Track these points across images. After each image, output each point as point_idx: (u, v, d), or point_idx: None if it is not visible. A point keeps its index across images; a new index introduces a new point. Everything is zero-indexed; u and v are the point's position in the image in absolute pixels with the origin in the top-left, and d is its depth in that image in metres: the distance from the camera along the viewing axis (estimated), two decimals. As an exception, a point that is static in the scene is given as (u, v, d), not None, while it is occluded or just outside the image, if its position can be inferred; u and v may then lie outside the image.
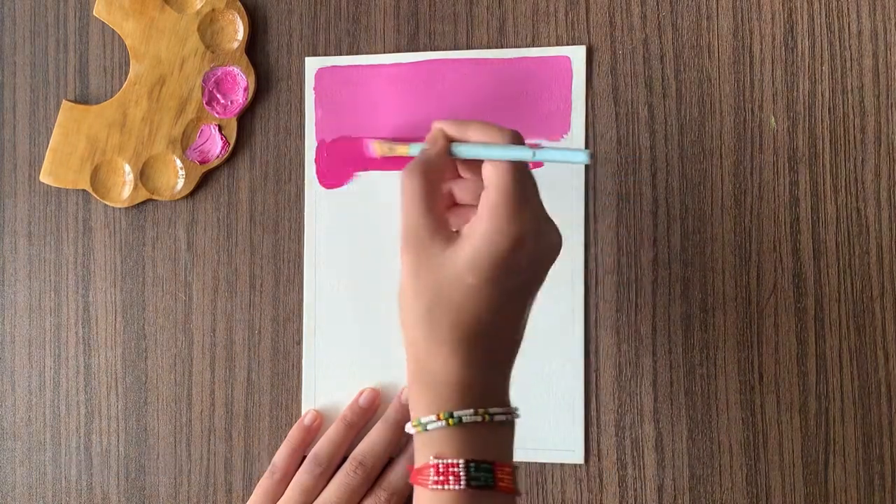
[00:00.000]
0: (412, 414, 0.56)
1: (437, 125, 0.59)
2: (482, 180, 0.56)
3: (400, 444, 0.70)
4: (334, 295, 0.72)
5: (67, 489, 0.75)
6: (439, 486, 0.53)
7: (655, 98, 0.70)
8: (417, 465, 0.55)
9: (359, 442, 0.69)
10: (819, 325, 0.68)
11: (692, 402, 0.69)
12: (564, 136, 0.70)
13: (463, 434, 0.54)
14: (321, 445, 0.69)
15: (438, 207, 0.56)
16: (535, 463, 0.70)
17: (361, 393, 0.71)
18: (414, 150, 0.63)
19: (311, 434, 0.71)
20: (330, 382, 0.72)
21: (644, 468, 0.69)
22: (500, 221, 0.53)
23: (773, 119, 0.69)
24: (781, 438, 0.68)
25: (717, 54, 0.69)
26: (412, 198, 0.56)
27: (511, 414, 0.56)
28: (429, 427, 0.54)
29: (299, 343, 0.73)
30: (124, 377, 0.74)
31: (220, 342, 0.74)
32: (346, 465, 0.68)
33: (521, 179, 0.55)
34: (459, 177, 0.61)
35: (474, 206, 0.56)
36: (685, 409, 0.69)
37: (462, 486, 0.53)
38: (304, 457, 0.70)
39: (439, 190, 0.57)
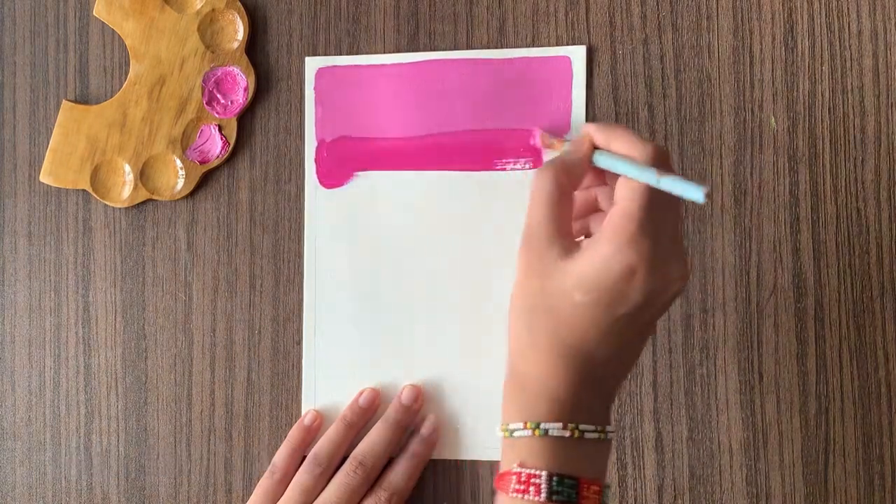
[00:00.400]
0: (503, 416, 0.55)
1: (586, 128, 0.57)
2: None
3: (400, 444, 0.70)
4: (334, 295, 0.72)
5: (67, 489, 0.75)
6: (519, 495, 0.52)
7: (655, 98, 0.70)
8: (502, 469, 0.54)
9: (359, 442, 0.69)
10: (819, 325, 0.68)
11: (692, 402, 0.69)
12: (564, 136, 0.70)
13: (549, 445, 0.52)
14: (321, 445, 0.69)
15: (564, 213, 0.54)
16: (535, 463, 0.70)
17: (361, 393, 0.71)
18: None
19: (311, 434, 0.71)
20: (330, 382, 0.72)
21: (644, 468, 0.69)
22: (617, 246, 0.51)
23: (773, 119, 0.69)
24: (781, 438, 0.68)
25: (717, 54, 0.69)
26: (539, 199, 0.54)
27: (605, 433, 0.54)
28: (515, 434, 0.53)
29: (299, 343, 0.73)
30: (124, 377, 0.74)
31: (220, 342, 0.74)
32: (346, 465, 0.68)
33: (649, 205, 0.51)
34: (605, 183, 0.59)
35: None
36: (685, 409, 0.69)
37: (543, 499, 0.52)
38: (305, 457, 0.70)
39: (569, 196, 0.55)
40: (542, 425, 0.52)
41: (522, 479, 0.52)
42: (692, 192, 0.49)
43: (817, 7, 0.69)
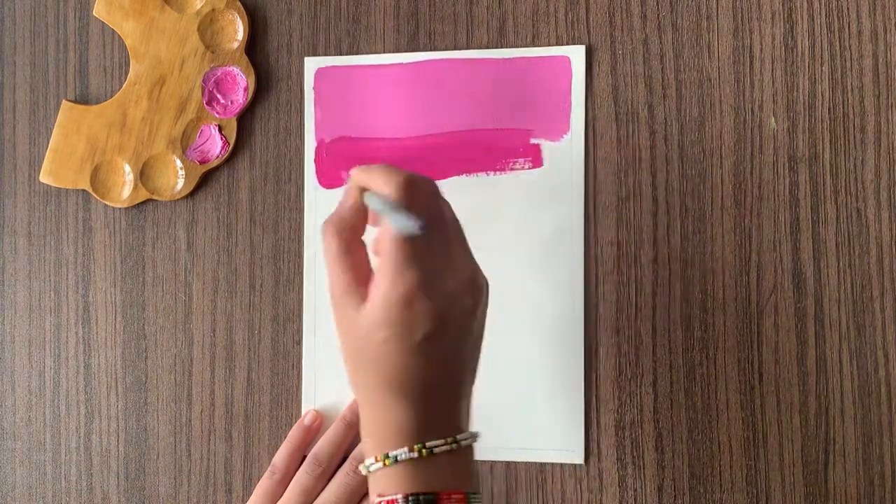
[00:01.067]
0: (364, 458, 0.57)
1: (352, 172, 0.59)
2: None
3: None
4: (334, 295, 0.72)
5: (67, 489, 0.75)
6: None
7: (655, 98, 0.70)
8: None
9: (359, 442, 0.69)
10: (819, 325, 0.68)
11: (692, 402, 0.69)
12: (564, 136, 0.70)
13: (401, 471, 0.55)
14: (321, 445, 0.70)
15: (354, 265, 0.57)
16: (535, 463, 0.70)
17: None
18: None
19: (311, 434, 0.71)
20: (330, 382, 0.72)
21: (644, 468, 0.69)
22: (389, 280, 0.54)
23: (773, 119, 0.69)
24: (781, 438, 0.68)
25: (717, 54, 0.69)
26: (328, 258, 0.57)
27: (456, 442, 0.56)
28: (371, 468, 0.56)
29: (299, 343, 0.73)
30: (124, 377, 0.74)
31: (220, 342, 0.74)
32: (346, 465, 0.69)
33: (403, 237, 0.54)
34: None
35: None
36: (685, 409, 0.69)
37: None
38: (305, 457, 0.70)
39: (356, 244, 0.58)
40: (391, 454, 0.55)
41: None
42: (408, 226, 0.52)
43: (817, 7, 0.69)
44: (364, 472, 0.57)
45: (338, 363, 0.71)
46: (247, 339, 0.73)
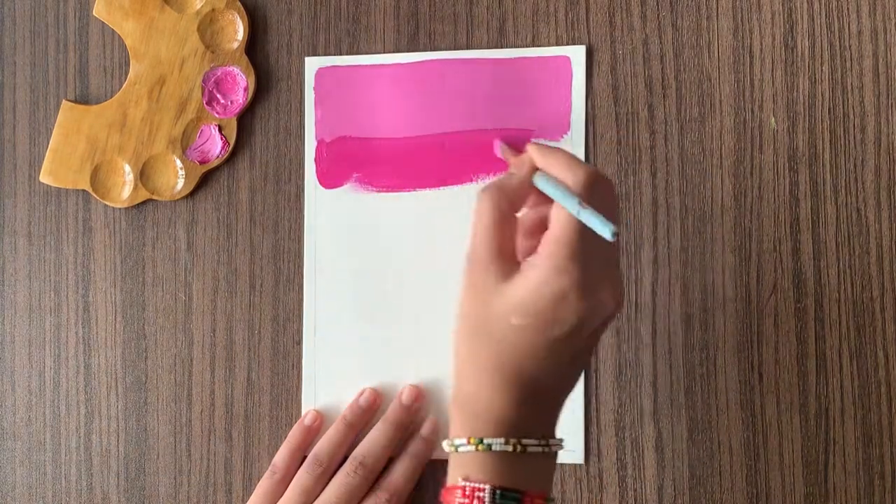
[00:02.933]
0: (450, 432, 0.56)
1: (529, 148, 0.58)
2: None
3: (400, 444, 0.70)
4: (334, 295, 0.72)
5: (67, 489, 0.75)
6: None
7: (655, 98, 0.70)
8: (449, 483, 0.55)
9: (359, 442, 0.69)
10: (819, 325, 0.68)
11: (692, 402, 0.69)
12: (564, 136, 0.70)
13: (492, 460, 0.54)
14: (321, 445, 0.69)
15: (506, 235, 0.55)
16: (535, 463, 0.70)
17: (362, 393, 0.71)
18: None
19: (312, 434, 0.71)
20: (330, 382, 0.72)
21: (644, 468, 0.69)
22: (549, 271, 0.52)
23: (773, 119, 0.69)
24: (781, 439, 0.68)
25: (717, 54, 0.69)
26: (481, 223, 0.55)
27: (548, 446, 0.55)
28: (460, 449, 0.54)
29: (299, 343, 0.73)
30: (124, 377, 0.74)
31: (220, 342, 0.74)
32: (347, 466, 0.68)
33: (581, 232, 0.52)
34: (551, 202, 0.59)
35: None
36: (685, 410, 0.69)
37: None
38: (305, 457, 0.70)
39: (512, 219, 0.56)
40: (485, 440, 0.54)
41: (467, 492, 0.53)
42: (602, 229, 0.50)
43: (817, 7, 0.69)
44: (448, 449, 0.55)
45: (338, 363, 0.72)
46: (247, 340, 0.73)
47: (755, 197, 0.69)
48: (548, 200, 0.57)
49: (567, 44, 0.71)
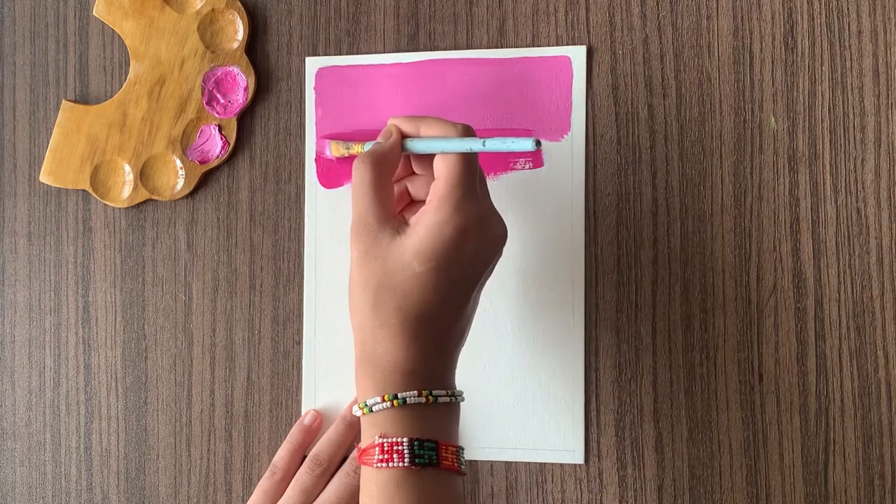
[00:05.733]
0: (359, 397, 0.58)
1: (392, 121, 0.61)
2: (434, 176, 0.58)
3: None
4: (334, 295, 0.72)
5: (67, 489, 0.75)
6: (384, 465, 0.55)
7: (655, 98, 0.70)
8: (363, 445, 0.57)
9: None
10: (819, 325, 0.68)
11: (692, 402, 0.69)
12: (565, 136, 0.70)
13: (407, 414, 0.56)
14: (321, 445, 0.70)
15: (387, 197, 0.58)
16: (535, 463, 0.70)
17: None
18: (369, 147, 0.64)
19: (312, 434, 0.71)
20: (330, 382, 0.72)
21: (644, 468, 0.69)
22: (447, 211, 0.55)
23: (773, 119, 0.69)
24: (781, 438, 0.68)
25: (717, 54, 0.69)
26: (362, 187, 0.58)
27: (455, 396, 0.58)
28: (374, 409, 0.56)
29: (299, 343, 0.73)
30: (124, 377, 0.74)
31: (219, 342, 0.74)
32: (346, 465, 0.69)
33: (469, 172, 0.57)
34: (414, 174, 0.63)
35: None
36: (685, 409, 0.69)
37: (406, 464, 0.55)
38: (305, 457, 0.70)
39: (389, 181, 0.59)
40: (400, 395, 0.56)
41: (385, 448, 0.55)
42: (522, 144, 0.55)
43: (817, 7, 0.69)
44: (360, 412, 0.57)
45: (338, 363, 0.72)
46: (247, 339, 0.73)
47: (755, 197, 0.69)
48: (407, 173, 0.63)
49: (567, 44, 0.71)
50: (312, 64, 0.73)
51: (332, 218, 0.72)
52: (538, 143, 0.55)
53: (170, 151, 0.74)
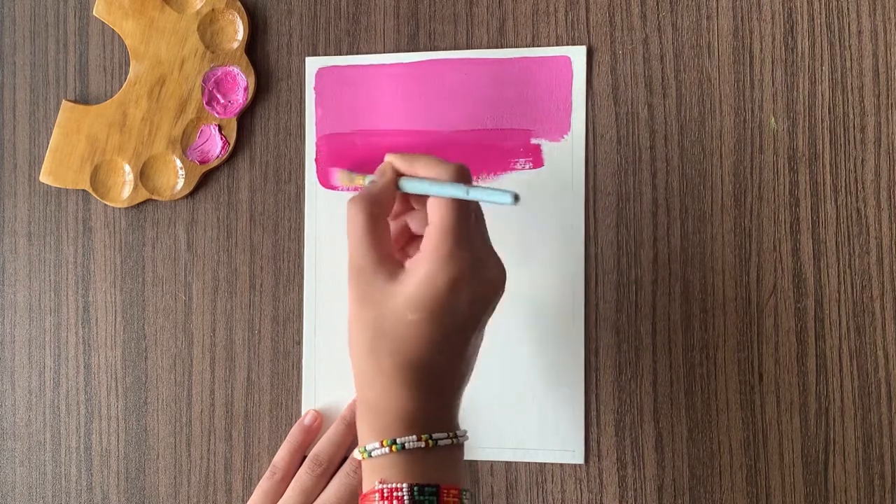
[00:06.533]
0: (359, 441, 0.57)
1: (388, 158, 0.60)
2: None
3: None
4: (334, 295, 0.72)
5: (67, 489, 0.75)
6: None
7: (655, 98, 0.70)
8: (365, 490, 0.57)
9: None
10: (819, 325, 0.68)
11: (692, 402, 0.69)
12: (565, 136, 0.70)
13: (406, 459, 0.55)
14: (321, 445, 0.70)
15: (383, 240, 0.57)
16: (535, 463, 0.70)
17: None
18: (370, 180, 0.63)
19: (312, 434, 0.71)
20: (330, 382, 0.72)
21: (644, 468, 0.69)
22: (438, 262, 0.54)
23: (773, 119, 0.69)
24: (781, 438, 0.68)
25: (717, 54, 0.69)
26: (356, 231, 0.57)
27: (458, 437, 0.57)
28: (373, 454, 0.56)
29: (299, 343, 0.73)
30: (124, 377, 0.74)
31: (219, 342, 0.74)
32: (346, 466, 0.69)
33: (461, 219, 0.55)
34: (413, 209, 0.62)
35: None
36: (685, 409, 0.69)
37: None
38: (305, 457, 0.70)
39: (383, 223, 0.58)
40: (398, 440, 0.55)
41: (385, 494, 0.55)
42: (501, 197, 0.52)
43: (817, 7, 0.69)
44: (361, 457, 0.56)
45: (338, 363, 0.72)
46: (247, 339, 0.73)
47: (755, 197, 0.69)
48: (406, 209, 0.60)
49: (567, 44, 0.71)
50: (312, 64, 0.73)
51: (332, 218, 0.72)
52: (517, 198, 0.52)
53: (170, 151, 0.74)
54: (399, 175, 0.59)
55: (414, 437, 0.55)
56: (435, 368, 0.55)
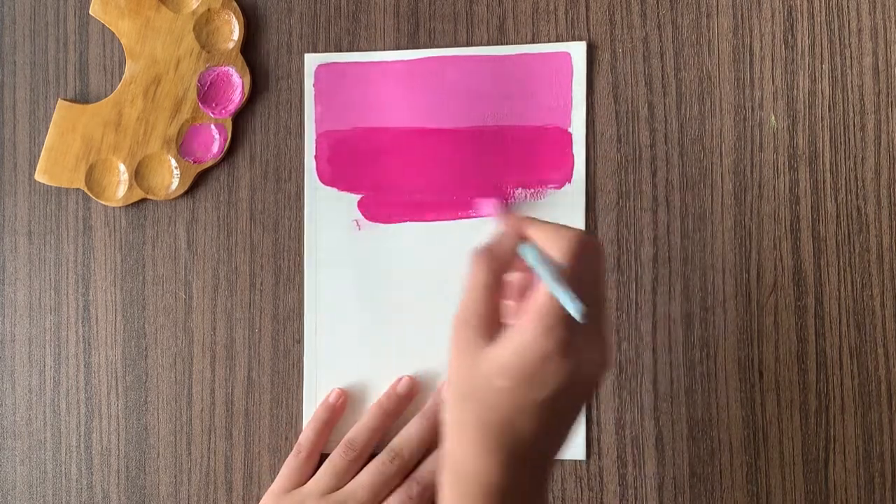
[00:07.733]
0: (441, 501, 0.56)
1: (517, 218, 0.58)
2: None
3: (437, 438, 0.70)
4: (334, 293, 0.72)
5: (67, 488, 0.75)
6: None
7: (655, 96, 0.70)
8: None
9: (392, 431, 0.70)
10: (819, 322, 0.68)
11: (692, 400, 0.69)
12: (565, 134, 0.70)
13: None
14: (357, 431, 0.70)
15: (495, 301, 0.55)
16: (535, 461, 0.70)
17: (399, 380, 0.71)
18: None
19: (337, 413, 0.71)
20: (331, 381, 0.72)
21: (644, 466, 0.69)
22: (533, 334, 0.52)
23: (773, 117, 0.69)
24: (782, 436, 0.68)
25: (717, 52, 0.69)
26: (475, 286, 0.55)
27: None
28: None
29: (300, 341, 0.73)
30: (124, 376, 0.74)
31: (220, 341, 0.74)
32: (383, 455, 0.69)
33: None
34: None
35: None
36: (685, 407, 0.69)
37: None
38: (329, 438, 0.70)
39: (500, 283, 0.56)
40: None
41: None
42: (572, 309, 0.51)
43: (817, 5, 0.68)
44: None
45: (339, 361, 0.72)
46: (247, 338, 0.73)
47: (755, 195, 0.69)
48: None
49: (567, 42, 0.70)
50: (311, 61, 0.73)
51: (332, 216, 0.72)
52: (585, 317, 0.51)
53: (165, 151, 0.74)
54: (523, 237, 0.57)
55: None
56: (519, 438, 0.53)
